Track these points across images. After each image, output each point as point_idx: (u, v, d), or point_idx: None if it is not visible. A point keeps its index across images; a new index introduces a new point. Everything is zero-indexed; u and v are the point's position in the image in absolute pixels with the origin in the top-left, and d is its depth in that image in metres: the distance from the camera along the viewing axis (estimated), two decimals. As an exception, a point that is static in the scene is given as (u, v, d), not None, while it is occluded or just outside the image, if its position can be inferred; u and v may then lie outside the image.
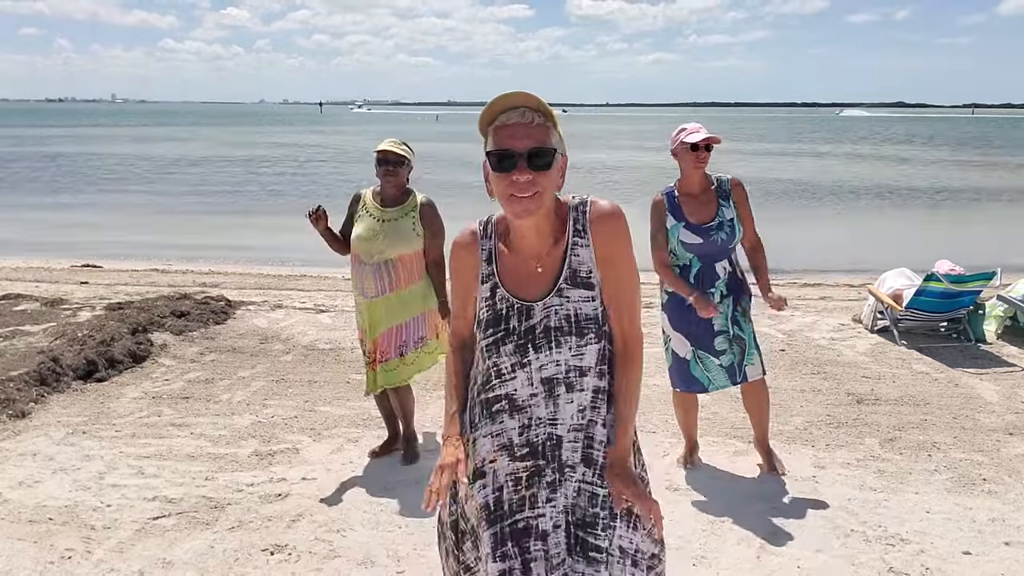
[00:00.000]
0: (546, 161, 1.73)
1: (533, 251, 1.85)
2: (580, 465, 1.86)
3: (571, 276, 1.83)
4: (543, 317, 1.83)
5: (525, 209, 1.74)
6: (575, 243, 1.83)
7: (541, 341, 1.83)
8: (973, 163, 32.82)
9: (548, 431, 1.86)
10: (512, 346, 1.84)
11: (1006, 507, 3.62)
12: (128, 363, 5.56)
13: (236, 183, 23.17)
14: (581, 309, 1.82)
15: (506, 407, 1.88)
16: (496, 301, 1.86)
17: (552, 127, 1.77)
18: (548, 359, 1.83)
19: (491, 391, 1.89)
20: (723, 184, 3.79)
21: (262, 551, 3.22)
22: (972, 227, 15.14)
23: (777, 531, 3.40)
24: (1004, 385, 5.36)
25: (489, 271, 1.88)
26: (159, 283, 8.77)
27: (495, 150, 1.74)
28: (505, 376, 1.86)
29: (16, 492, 3.70)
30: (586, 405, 1.86)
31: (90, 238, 13.17)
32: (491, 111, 1.76)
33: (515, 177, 1.72)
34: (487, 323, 1.87)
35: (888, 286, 6.75)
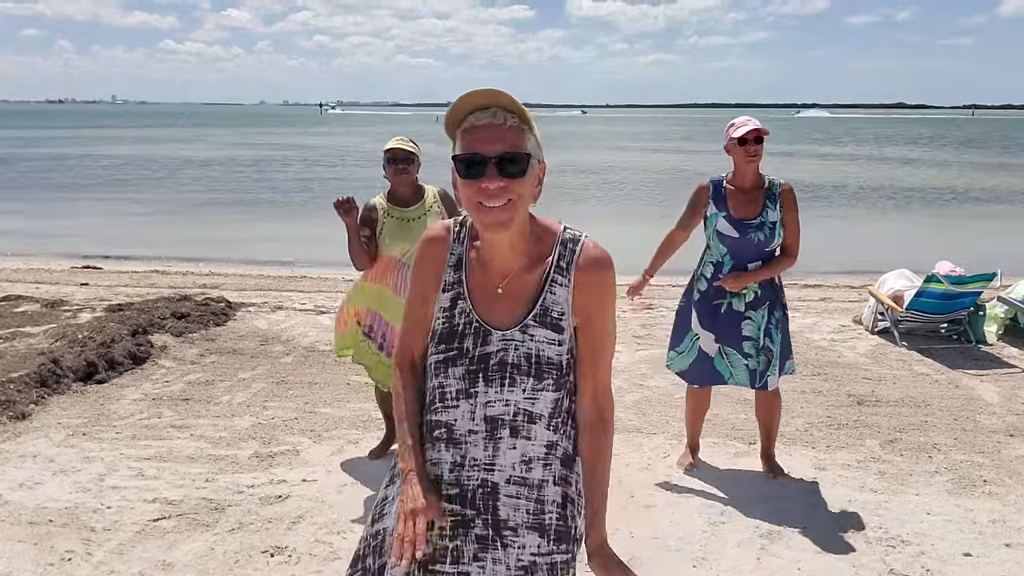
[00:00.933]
0: (520, 168, 1.54)
1: (500, 269, 1.65)
2: (529, 533, 1.63)
3: (541, 314, 1.63)
4: (500, 349, 1.63)
5: (496, 220, 1.55)
6: (554, 280, 1.64)
7: (494, 374, 1.63)
8: (974, 164, 32.82)
9: (483, 476, 1.64)
10: (462, 370, 1.64)
11: (1007, 509, 3.62)
12: (128, 365, 5.55)
13: (238, 185, 23.17)
14: (543, 351, 1.63)
15: (444, 436, 1.67)
16: (455, 314, 1.66)
17: (527, 130, 1.58)
18: (497, 396, 1.62)
19: (435, 414, 1.68)
20: (774, 187, 3.70)
21: (262, 553, 3.22)
22: (972, 228, 15.13)
23: (778, 532, 3.40)
24: (1005, 386, 5.36)
25: (456, 279, 1.68)
26: (159, 284, 8.77)
27: (463, 154, 1.55)
28: (448, 402, 1.66)
29: (16, 494, 3.69)
30: (532, 457, 1.64)
31: (90, 238, 13.17)
32: (459, 110, 1.57)
33: (484, 184, 1.53)
34: (440, 337, 1.67)
35: (889, 287, 6.75)
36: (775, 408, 3.91)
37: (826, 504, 3.66)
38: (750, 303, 3.71)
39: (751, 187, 3.68)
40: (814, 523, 3.48)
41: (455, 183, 1.60)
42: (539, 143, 1.62)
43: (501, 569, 1.61)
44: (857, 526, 3.45)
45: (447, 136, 1.61)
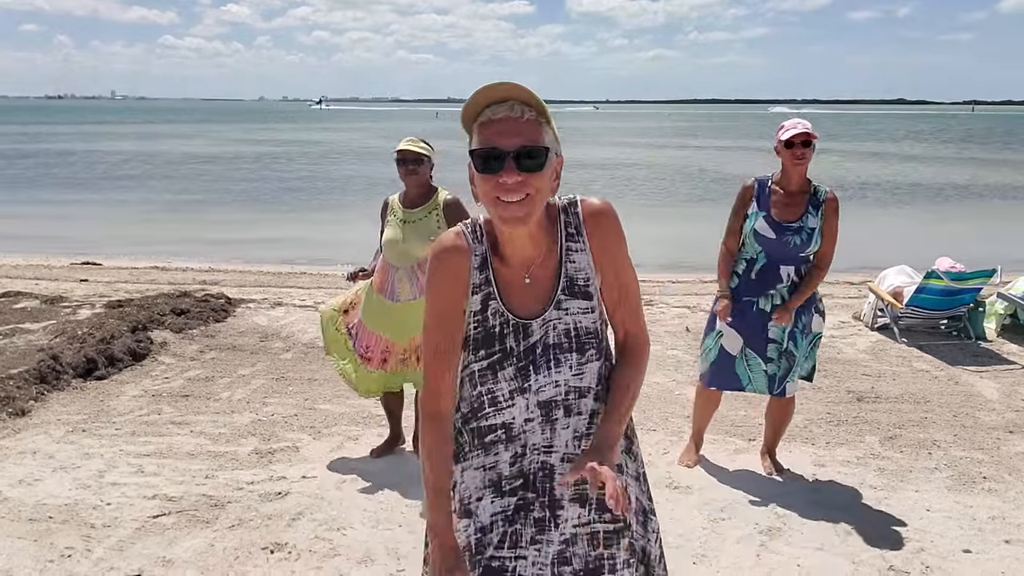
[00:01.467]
0: (538, 162, 1.53)
1: (523, 260, 1.64)
2: (572, 505, 1.65)
3: (568, 285, 1.64)
4: (542, 335, 1.64)
5: (514, 216, 1.54)
6: (569, 248, 1.65)
7: (540, 360, 1.64)
8: (975, 160, 32.79)
9: (542, 459, 1.66)
10: (512, 370, 1.64)
11: (1006, 505, 3.63)
12: (128, 361, 5.55)
13: (237, 181, 23.16)
14: (580, 322, 1.64)
15: (502, 437, 1.67)
16: (488, 316, 1.65)
17: (545, 123, 1.56)
18: (547, 380, 1.64)
19: (484, 419, 1.68)
20: (819, 193, 3.64)
21: (262, 549, 3.22)
22: (973, 224, 15.12)
23: (777, 529, 3.40)
24: (1004, 383, 5.36)
25: (483, 279, 1.65)
26: (159, 281, 8.77)
27: (480, 148, 1.53)
28: (502, 404, 1.66)
29: (16, 490, 3.69)
30: (583, 433, 1.67)
31: (91, 236, 13.16)
32: (475, 104, 1.55)
33: (502, 179, 1.51)
34: (478, 343, 1.65)
35: (888, 283, 6.75)
36: (788, 414, 3.90)
37: (826, 501, 3.66)
38: (778, 305, 3.68)
39: (796, 190, 3.64)
40: (814, 520, 3.48)
41: (472, 178, 1.58)
42: (556, 136, 1.61)
43: (555, 549, 1.64)
44: (857, 523, 3.45)
45: (464, 130, 1.59)
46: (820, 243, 3.62)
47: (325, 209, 17.18)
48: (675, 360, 5.83)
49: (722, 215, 3.87)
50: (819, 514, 3.53)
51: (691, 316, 7.04)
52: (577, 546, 1.65)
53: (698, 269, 10.07)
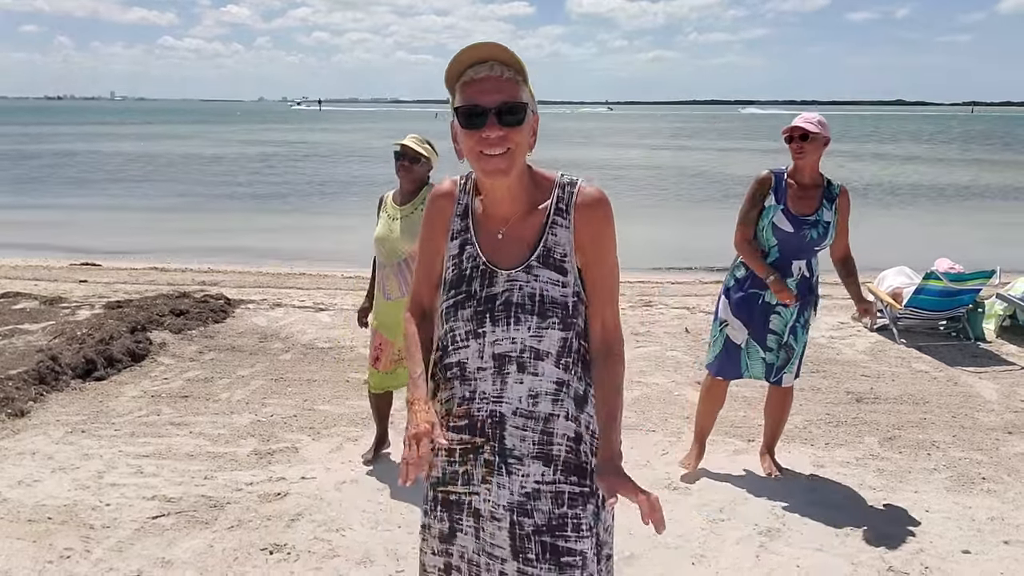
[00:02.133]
0: (518, 118, 1.63)
1: (501, 214, 1.75)
2: (534, 462, 1.73)
3: (544, 255, 1.72)
4: (505, 289, 1.72)
5: (496, 167, 1.64)
6: (555, 222, 1.73)
7: (499, 314, 1.71)
8: (977, 161, 32.82)
9: (491, 408, 1.74)
10: (470, 311, 1.73)
11: (1005, 506, 3.63)
12: (127, 362, 5.55)
13: (237, 181, 23.15)
14: (547, 291, 1.70)
15: (457, 374, 1.78)
16: (463, 260, 1.76)
17: (522, 82, 1.66)
18: (504, 335, 1.71)
19: (447, 356, 1.79)
20: (832, 187, 3.67)
21: (261, 550, 3.22)
22: (972, 225, 15.13)
23: (776, 530, 3.40)
24: (1003, 384, 5.37)
25: (463, 226, 1.78)
26: (158, 281, 8.77)
27: (463, 105, 1.63)
28: (459, 343, 1.76)
29: (15, 491, 3.69)
30: (540, 392, 1.73)
31: (90, 236, 13.16)
32: (458, 64, 1.64)
33: (485, 134, 1.61)
34: (450, 283, 1.77)
35: (888, 284, 6.75)
36: (786, 406, 3.91)
37: (825, 501, 3.66)
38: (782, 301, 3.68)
39: (809, 184, 3.64)
40: (813, 520, 3.48)
41: (455, 136, 1.68)
42: (532, 95, 1.69)
43: (505, 493, 1.73)
44: (856, 523, 3.46)
45: (447, 90, 1.68)
46: (837, 238, 3.65)
47: (325, 210, 17.18)
48: (674, 361, 5.82)
49: (722, 216, 3.88)
50: (818, 515, 3.53)
51: (690, 317, 7.03)
52: (540, 502, 1.72)
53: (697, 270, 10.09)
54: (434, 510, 1.82)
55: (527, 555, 1.72)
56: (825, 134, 3.57)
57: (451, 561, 1.81)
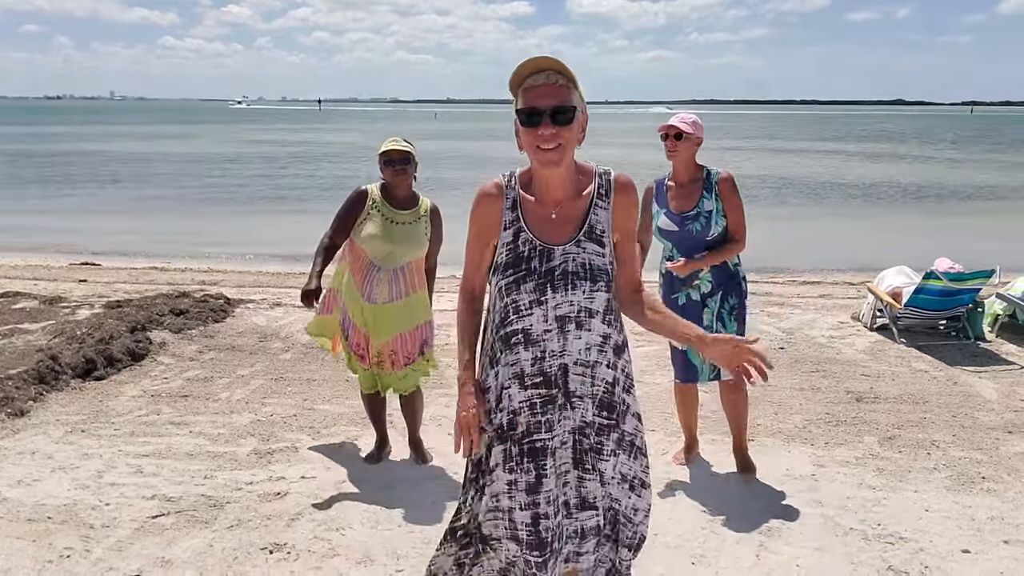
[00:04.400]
0: (568, 117, 1.97)
1: (554, 199, 2.09)
2: (586, 400, 2.12)
3: (589, 231, 2.08)
4: (562, 261, 2.06)
5: (549, 159, 1.99)
6: (597, 204, 2.10)
7: (559, 282, 2.05)
8: (975, 160, 32.82)
9: (559, 362, 2.09)
10: (532, 284, 2.05)
11: (1005, 505, 3.63)
12: (127, 361, 5.55)
13: (236, 181, 23.15)
14: (593, 260, 2.07)
15: (521, 340, 2.09)
16: (519, 244, 2.08)
17: (573, 88, 1.99)
18: (563, 299, 2.05)
19: (509, 326, 2.10)
20: (711, 176, 3.73)
21: (261, 550, 3.22)
22: (971, 225, 15.13)
23: (776, 529, 3.40)
24: (1003, 383, 5.37)
25: (514, 216, 2.10)
26: (158, 281, 8.76)
27: (523, 108, 1.97)
28: (523, 312, 2.07)
29: (15, 491, 3.69)
30: (592, 345, 2.10)
31: (90, 236, 13.15)
32: (520, 75, 1.98)
33: (541, 131, 1.96)
34: (508, 264, 2.08)
35: (887, 284, 6.75)
36: (738, 399, 3.87)
37: (824, 501, 3.66)
38: (707, 293, 3.75)
39: (687, 180, 3.74)
40: (813, 520, 3.48)
41: (517, 132, 2.03)
42: (583, 98, 2.03)
43: (568, 423, 2.13)
44: (855, 523, 3.45)
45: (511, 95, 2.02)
46: (723, 222, 3.67)
47: (325, 210, 17.16)
48: (674, 360, 5.82)
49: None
50: (818, 514, 3.53)
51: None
52: (589, 428, 2.13)
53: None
54: (520, 463, 2.11)
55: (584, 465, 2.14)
56: (698, 135, 3.70)
57: (538, 511, 2.11)
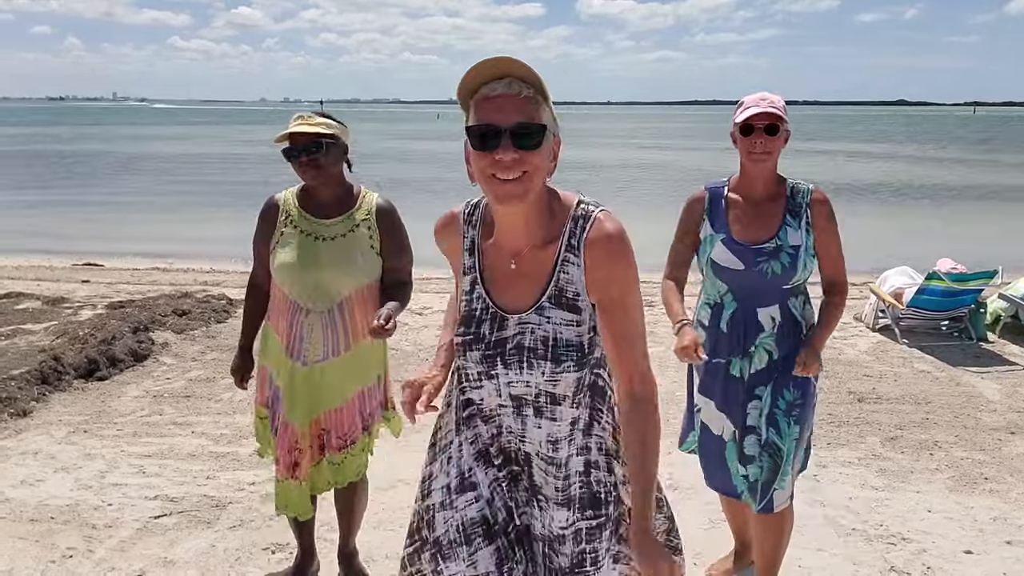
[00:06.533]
0: (535, 140, 1.49)
1: (513, 245, 1.62)
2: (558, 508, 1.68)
3: (556, 294, 1.60)
4: (516, 333, 1.62)
5: (508, 193, 1.50)
6: (566, 258, 1.60)
7: (511, 358, 1.62)
8: (977, 160, 32.77)
9: (518, 444, 1.70)
10: (479, 354, 1.64)
11: (1008, 506, 3.62)
12: (129, 362, 5.56)
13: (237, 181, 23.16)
14: (561, 334, 1.59)
15: (475, 412, 1.73)
16: (473, 299, 1.67)
17: (543, 101, 1.52)
18: (518, 378, 1.63)
19: (463, 392, 1.73)
20: (799, 194, 2.54)
21: (263, 550, 3.22)
22: (974, 225, 15.11)
23: (778, 530, 3.39)
24: (1006, 384, 5.36)
25: (471, 263, 1.67)
26: (160, 281, 8.77)
27: (475, 125, 1.49)
28: (472, 382, 1.69)
29: (18, 491, 3.70)
30: (559, 438, 1.66)
31: (92, 237, 13.17)
32: (472, 80, 1.50)
33: (498, 156, 1.47)
34: (462, 320, 1.68)
35: (890, 284, 6.75)
36: (783, 532, 2.68)
37: (827, 501, 3.66)
38: (761, 371, 2.56)
39: (764, 196, 2.56)
40: (815, 520, 3.48)
41: (467, 156, 1.54)
42: (555, 116, 1.56)
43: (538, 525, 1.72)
44: (858, 523, 3.45)
45: (461, 108, 1.55)
46: (813, 264, 2.56)
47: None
48: (676, 361, 5.80)
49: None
50: (820, 515, 3.53)
51: (692, 317, 7.02)
52: (565, 545, 1.68)
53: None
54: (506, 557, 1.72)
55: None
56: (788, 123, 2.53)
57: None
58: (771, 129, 2.45)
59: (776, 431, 2.50)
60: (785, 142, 2.52)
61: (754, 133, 2.46)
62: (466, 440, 1.74)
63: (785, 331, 2.54)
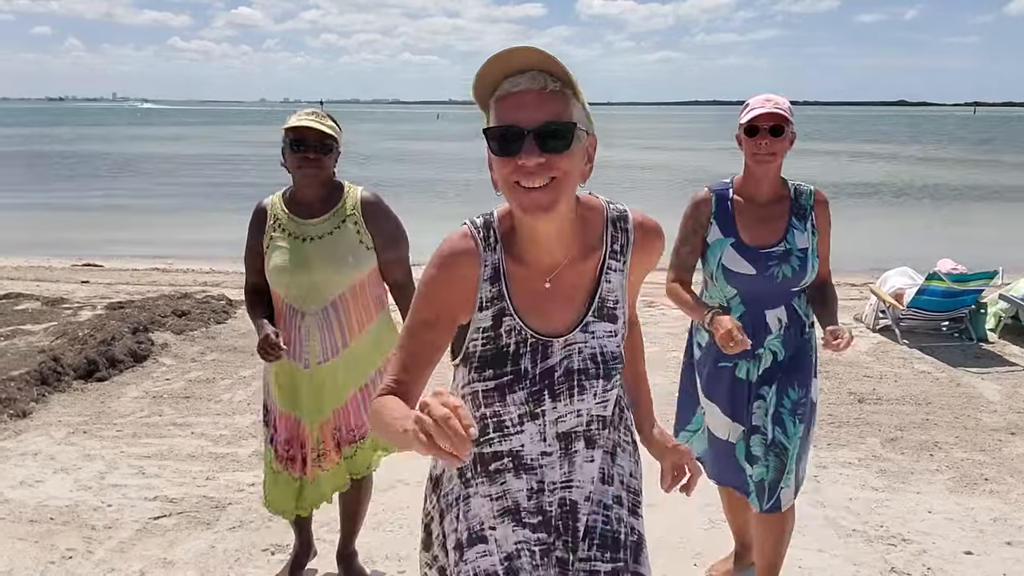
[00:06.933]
0: (564, 141, 1.30)
1: (547, 263, 1.43)
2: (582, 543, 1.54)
3: (600, 307, 1.46)
4: (564, 357, 1.45)
5: (536, 203, 1.31)
6: (609, 267, 1.46)
7: (561, 387, 1.45)
8: (977, 160, 32.77)
9: (561, 495, 1.51)
10: (524, 393, 1.44)
11: (1008, 507, 3.62)
12: (129, 362, 5.56)
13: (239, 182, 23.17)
14: (606, 346, 1.46)
15: (510, 466, 1.50)
16: (501, 333, 1.43)
17: (573, 96, 1.33)
18: (568, 408, 1.46)
19: (488, 446, 1.50)
20: (802, 196, 2.55)
21: (263, 551, 3.22)
22: (974, 226, 15.12)
23: (778, 531, 3.39)
24: (1006, 384, 5.36)
25: (495, 292, 1.43)
26: (160, 282, 8.77)
27: (497, 126, 1.31)
28: (509, 429, 1.48)
29: (17, 492, 3.70)
30: (607, 472, 1.56)
31: (92, 237, 13.17)
32: (491, 74, 1.31)
33: (522, 161, 1.28)
34: (486, 362, 1.44)
35: (890, 285, 6.75)
36: (784, 532, 2.64)
37: (827, 502, 3.66)
38: (766, 371, 2.56)
39: (769, 199, 2.55)
40: (815, 521, 3.48)
41: (490, 162, 1.36)
42: (588, 112, 1.37)
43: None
44: (858, 524, 3.45)
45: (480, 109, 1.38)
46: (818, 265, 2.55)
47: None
48: (676, 361, 5.80)
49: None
50: (820, 515, 3.53)
51: (692, 317, 7.02)
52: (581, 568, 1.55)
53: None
54: None
55: None
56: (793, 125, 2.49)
57: None
58: (776, 130, 2.43)
59: (782, 430, 2.50)
60: (791, 144, 2.49)
61: (759, 134, 2.44)
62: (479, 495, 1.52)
63: (791, 332, 2.56)
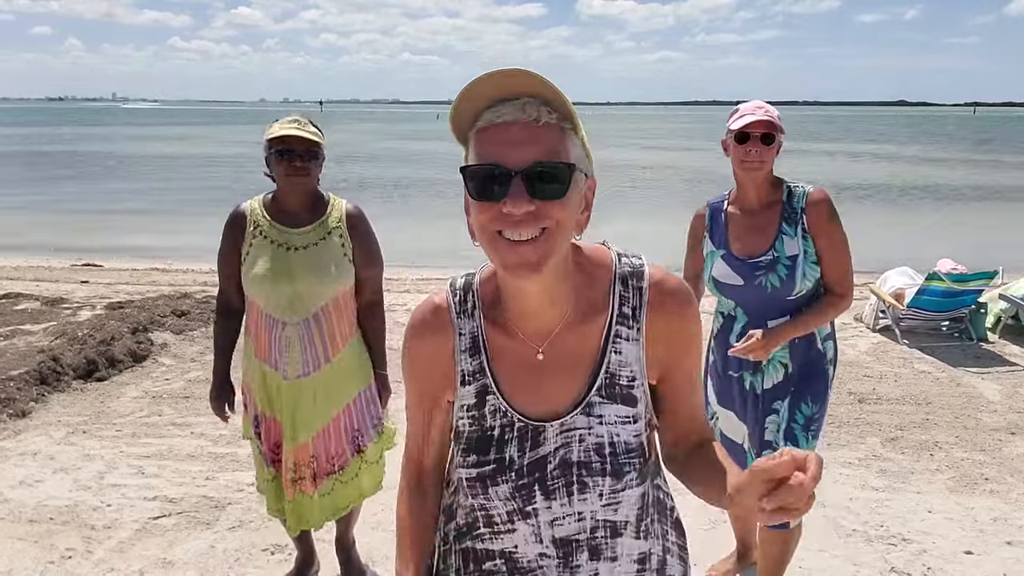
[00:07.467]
0: (560, 186, 1.06)
1: (537, 328, 1.19)
2: None
3: (608, 384, 1.19)
4: (560, 446, 1.19)
5: (523, 259, 1.06)
6: (618, 333, 1.19)
7: (556, 483, 1.19)
8: (977, 161, 32.78)
9: None
10: (508, 488, 1.19)
11: (1008, 507, 3.62)
12: (128, 362, 5.55)
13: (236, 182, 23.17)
14: (618, 435, 1.18)
15: (503, 568, 1.26)
16: (485, 414, 1.21)
17: (571, 130, 1.10)
18: (566, 511, 1.20)
19: (479, 541, 1.27)
20: (795, 199, 2.43)
21: (262, 551, 3.22)
22: (974, 226, 15.11)
23: (778, 531, 3.39)
24: (1006, 384, 5.36)
25: (476, 366, 1.22)
26: (159, 282, 8.77)
27: (476, 165, 1.07)
28: (499, 527, 1.24)
29: (16, 492, 3.69)
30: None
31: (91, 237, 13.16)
32: (471, 101, 1.07)
33: (507, 208, 1.04)
34: (471, 445, 1.22)
35: (890, 285, 6.75)
36: (791, 545, 2.65)
37: (827, 502, 3.65)
38: (778, 385, 2.51)
39: (759, 206, 2.48)
40: (815, 521, 3.47)
41: (467, 207, 1.12)
42: (588, 150, 1.14)
43: None
44: (858, 524, 3.45)
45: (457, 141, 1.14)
46: (815, 273, 2.45)
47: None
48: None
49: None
50: (821, 515, 3.52)
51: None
52: None
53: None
54: None
55: None
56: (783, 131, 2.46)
57: None
58: (767, 138, 2.39)
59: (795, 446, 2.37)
60: (777, 152, 2.45)
61: (749, 141, 2.40)
62: None
63: (798, 343, 2.48)
